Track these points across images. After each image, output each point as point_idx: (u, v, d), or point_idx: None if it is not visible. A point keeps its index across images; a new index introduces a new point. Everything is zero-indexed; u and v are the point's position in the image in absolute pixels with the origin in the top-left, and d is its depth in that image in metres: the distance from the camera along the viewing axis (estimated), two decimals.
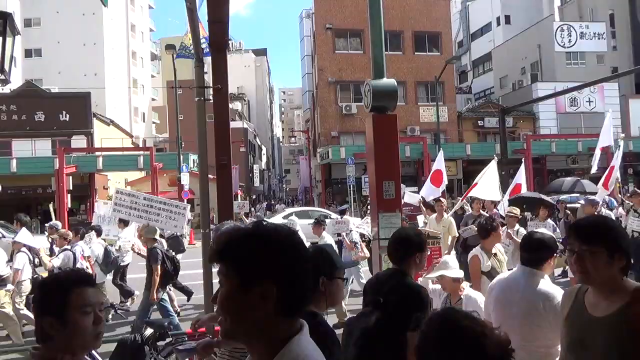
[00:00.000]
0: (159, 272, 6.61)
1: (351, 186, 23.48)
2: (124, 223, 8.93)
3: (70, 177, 23.15)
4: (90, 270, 7.25)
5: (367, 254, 8.24)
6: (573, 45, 35.99)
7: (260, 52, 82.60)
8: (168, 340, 4.97)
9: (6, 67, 2.90)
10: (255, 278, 1.12)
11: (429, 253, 5.46)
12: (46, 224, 10.13)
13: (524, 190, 10.40)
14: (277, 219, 12.42)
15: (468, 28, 47.88)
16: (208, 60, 4.91)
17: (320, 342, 1.38)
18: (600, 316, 1.90)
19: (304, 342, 1.17)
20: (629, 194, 11.58)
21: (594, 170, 11.72)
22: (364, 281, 8.02)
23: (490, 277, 4.32)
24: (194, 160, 24.93)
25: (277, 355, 1.13)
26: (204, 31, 5.61)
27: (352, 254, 8.17)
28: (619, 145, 10.53)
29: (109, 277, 8.95)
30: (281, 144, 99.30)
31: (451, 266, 3.74)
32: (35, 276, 7.28)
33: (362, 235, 8.67)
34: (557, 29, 35.95)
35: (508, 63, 39.28)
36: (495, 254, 4.52)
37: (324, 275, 2.05)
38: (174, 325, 6.57)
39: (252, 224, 1.23)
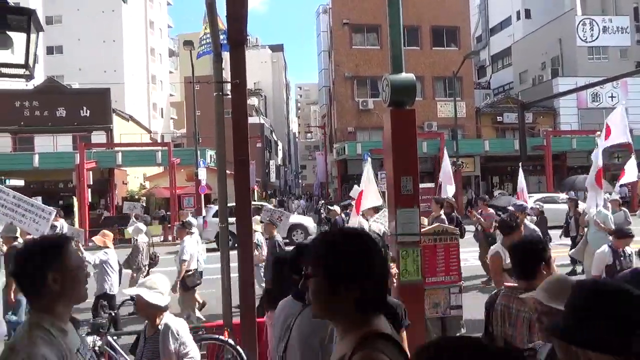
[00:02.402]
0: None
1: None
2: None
3: (91, 172, 23.55)
4: None
5: (264, 257, 8.04)
6: (595, 39, 35.22)
7: (277, 48, 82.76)
8: None
9: (30, 63, 2.96)
10: None
11: (443, 249, 5.43)
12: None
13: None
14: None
15: (487, 22, 47.21)
16: (226, 56, 4.93)
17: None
18: None
19: None
20: None
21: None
22: (263, 285, 7.82)
23: (512, 274, 4.27)
24: (211, 155, 25.14)
25: None
26: (222, 24, 5.60)
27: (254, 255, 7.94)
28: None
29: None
30: (297, 139, 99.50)
31: (157, 288, 2.97)
32: None
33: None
34: (579, 23, 35.21)
35: (528, 58, 38.63)
36: None
37: None
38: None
39: None
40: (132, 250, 8.48)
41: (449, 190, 11.81)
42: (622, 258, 5.41)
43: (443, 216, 8.63)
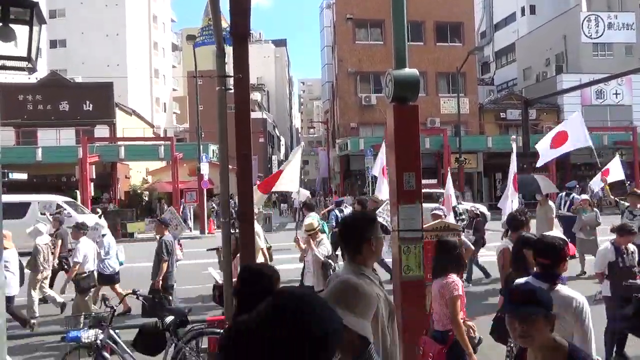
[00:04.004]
0: None
1: (370, 177, 23.43)
2: None
3: (94, 166, 23.61)
4: None
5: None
6: (600, 36, 35.02)
7: (280, 43, 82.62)
8: (189, 327, 5.06)
9: (33, 56, 2.95)
10: None
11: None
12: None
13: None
14: None
15: (492, 18, 47.00)
16: (228, 50, 4.91)
17: None
18: None
19: None
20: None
21: (539, 164, 11.11)
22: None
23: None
24: (213, 150, 25.16)
25: None
26: (225, 22, 5.59)
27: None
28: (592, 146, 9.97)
29: None
30: (300, 134, 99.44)
31: None
32: None
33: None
34: (584, 19, 35.00)
35: (532, 54, 38.45)
36: None
37: None
38: None
39: None
40: (32, 252, 8.26)
41: (384, 188, 10.63)
42: (624, 255, 5.39)
43: None
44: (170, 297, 7.03)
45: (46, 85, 28.02)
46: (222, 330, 4.72)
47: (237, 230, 7.14)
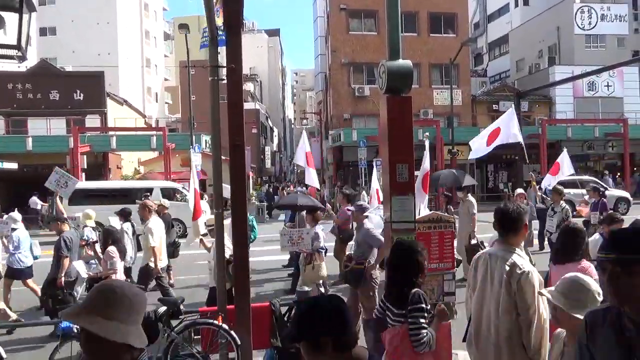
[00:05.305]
0: None
1: (362, 169, 23.48)
2: None
3: (85, 156, 23.42)
4: None
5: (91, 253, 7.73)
6: (593, 27, 35.11)
7: (273, 33, 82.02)
8: (181, 317, 5.07)
9: (23, 43, 2.91)
10: None
11: (436, 236, 5.46)
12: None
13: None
14: None
15: (485, 9, 46.91)
16: None
17: None
18: None
19: None
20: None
21: (471, 157, 10.96)
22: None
23: None
24: (206, 140, 25.03)
25: None
26: (220, 19, 5.53)
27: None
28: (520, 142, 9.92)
29: None
30: (293, 125, 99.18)
31: None
32: None
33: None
34: (577, 10, 35.04)
35: (525, 46, 38.49)
36: None
37: None
38: None
39: None
40: None
41: (312, 175, 10.79)
42: None
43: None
44: (76, 294, 6.88)
45: (36, 73, 27.66)
46: (213, 321, 4.74)
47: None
